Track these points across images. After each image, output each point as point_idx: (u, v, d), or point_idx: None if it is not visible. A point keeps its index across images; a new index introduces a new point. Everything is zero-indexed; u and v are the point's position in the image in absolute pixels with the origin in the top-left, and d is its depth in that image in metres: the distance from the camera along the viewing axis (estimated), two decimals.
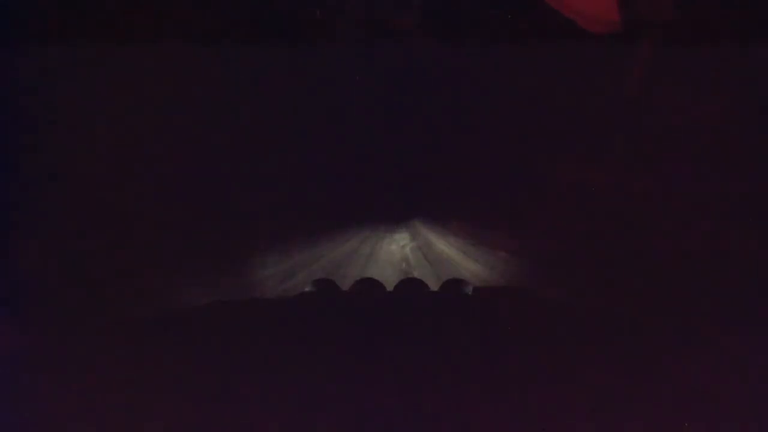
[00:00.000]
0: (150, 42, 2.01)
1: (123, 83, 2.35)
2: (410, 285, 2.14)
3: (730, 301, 1.87)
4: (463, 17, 2.05)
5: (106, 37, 1.90)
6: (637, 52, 2.07)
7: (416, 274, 2.68)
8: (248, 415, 0.94)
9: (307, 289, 2.08)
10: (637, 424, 0.90)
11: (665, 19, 1.87)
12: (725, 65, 1.93)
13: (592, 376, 1.05)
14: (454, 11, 2.05)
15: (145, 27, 1.95)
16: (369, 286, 2.17)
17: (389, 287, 2.15)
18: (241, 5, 2.06)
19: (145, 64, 2.25)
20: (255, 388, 1.03)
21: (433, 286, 2.22)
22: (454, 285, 2.13)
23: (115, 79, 2.28)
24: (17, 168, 2.09)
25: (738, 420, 0.91)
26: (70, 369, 1.13)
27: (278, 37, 2.14)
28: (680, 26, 1.86)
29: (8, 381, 1.09)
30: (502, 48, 2.21)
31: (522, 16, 1.99)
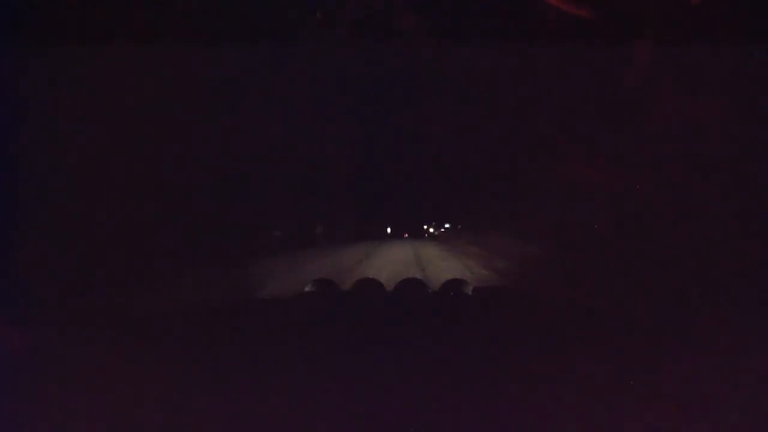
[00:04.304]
0: (150, 42, 2.01)
1: (123, 83, 2.35)
2: (410, 285, 2.14)
3: (730, 301, 1.87)
4: (463, 17, 2.05)
5: (106, 37, 1.90)
6: (637, 52, 2.07)
7: (416, 274, 2.68)
8: (249, 413, 0.94)
9: (307, 289, 2.09)
10: (636, 422, 0.90)
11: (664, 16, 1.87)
12: (725, 65, 1.94)
13: (591, 375, 1.05)
14: (454, 11, 2.06)
15: (145, 27, 1.95)
16: (369, 286, 2.17)
17: (389, 287, 2.15)
18: (241, 5, 2.06)
19: (145, 64, 2.25)
20: (255, 386, 1.03)
21: (433, 286, 2.23)
22: (454, 285, 2.14)
23: (115, 79, 2.28)
24: (17, 168, 2.09)
25: (737, 419, 0.91)
26: (70, 369, 1.13)
27: (278, 37, 2.14)
28: (680, 26, 1.86)
29: (8, 381, 1.09)
30: (502, 48, 2.21)
31: (522, 16, 1.99)
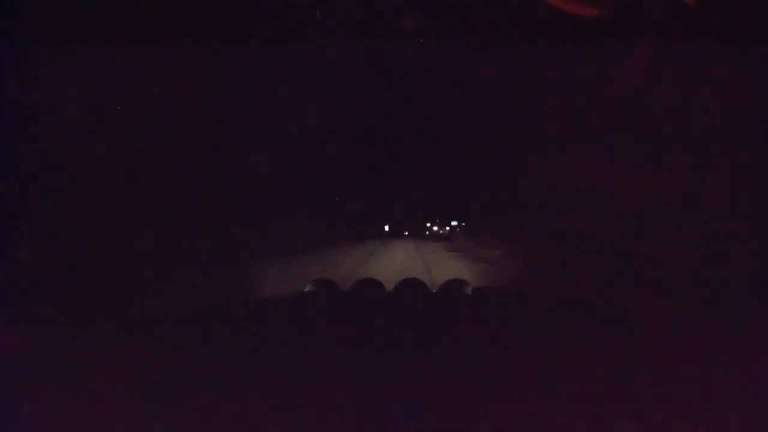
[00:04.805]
0: (150, 42, 2.01)
1: (123, 83, 2.35)
2: (410, 285, 2.14)
3: (729, 301, 1.87)
4: (463, 17, 2.06)
5: (106, 37, 1.91)
6: (637, 52, 2.07)
7: (416, 274, 2.68)
8: (248, 413, 0.94)
9: (307, 289, 2.09)
10: (637, 422, 0.90)
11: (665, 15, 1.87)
12: (725, 65, 1.94)
13: (591, 374, 1.05)
14: (454, 11, 2.06)
15: (145, 27, 1.95)
16: (369, 286, 2.18)
17: (389, 287, 2.15)
18: (241, 5, 2.06)
19: (144, 64, 2.25)
20: (255, 386, 1.03)
21: (433, 286, 2.23)
22: (454, 285, 2.14)
23: (115, 79, 2.28)
24: (17, 168, 2.09)
25: (736, 419, 0.91)
26: (70, 369, 1.13)
27: (278, 36, 2.14)
28: (680, 26, 1.86)
29: (8, 381, 1.09)
30: (503, 48, 2.21)
31: (522, 16, 1.99)
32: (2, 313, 1.62)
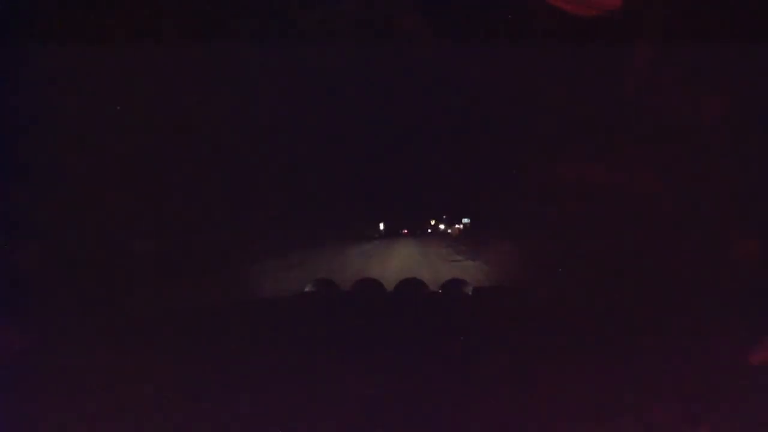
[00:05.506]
0: (150, 42, 2.01)
1: (123, 83, 2.35)
2: (410, 285, 2.14)
3: (730, 301, 1.87)
4: (463, 17, 2.06)
5: (106, 37, 1.91)
6: (637, 52, 2.07)
7: (417, 274, 2.68)
8: (248, 413, 0.94)
9: (307, 289, 2.09)
10: (637, 422, 0.90)
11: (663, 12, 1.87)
12: (725, 65, 1.94)
13: (590, 374, 1.05)
14: (454, 11, 2.06)
15: (144, 27, 1.95)
16: (369, 286, 2.17)
17: (389, 287, 2.15)
18: (240, 5, 2.06)
19: (145, 64, 2.25)
20: (255, 386, 1.04)
21: (433, 286, 2.23)
22: (454, 285, 2.14)
23: (115, 79, 2.28)
24: (17, 168, 2.10)
25: (736, 419, 0.91)
26: (70, 369, 1.13)
27: (278, 36, 2.14)
28: (680, 26, 1.86)
29: (8, 381, 1.09)
30: (503, 48, 2.21)
31: (522, 16, 1.99)
32: (2, 313, 1.62)
